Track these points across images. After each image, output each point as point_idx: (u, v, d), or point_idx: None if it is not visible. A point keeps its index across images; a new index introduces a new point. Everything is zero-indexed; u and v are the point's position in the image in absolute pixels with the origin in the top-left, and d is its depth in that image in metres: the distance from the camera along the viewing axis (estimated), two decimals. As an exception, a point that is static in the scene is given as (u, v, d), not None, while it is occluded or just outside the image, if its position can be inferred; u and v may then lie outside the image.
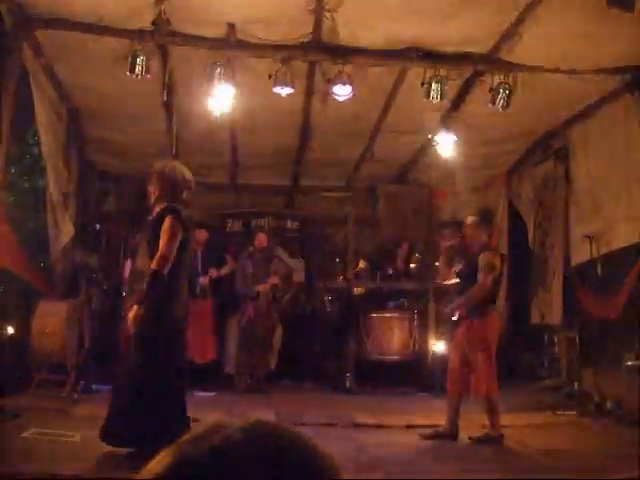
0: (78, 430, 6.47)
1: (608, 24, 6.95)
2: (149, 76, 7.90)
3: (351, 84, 8.21)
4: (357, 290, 11.57)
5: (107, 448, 5.80)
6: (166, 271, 5.63)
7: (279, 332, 10.97)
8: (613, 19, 6.65)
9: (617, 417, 7.79)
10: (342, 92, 8.31)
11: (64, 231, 9.88)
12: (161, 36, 7.70)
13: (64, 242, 9.92)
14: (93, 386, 9.17)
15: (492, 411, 7.10)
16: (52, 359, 8.71)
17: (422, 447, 6.92)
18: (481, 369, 7.11)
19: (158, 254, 5.64)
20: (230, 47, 7.91)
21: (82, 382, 8.75)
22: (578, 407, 8.59)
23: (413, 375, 10.87)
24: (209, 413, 7.87)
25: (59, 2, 7.21)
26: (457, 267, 7.79)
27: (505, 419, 8.07)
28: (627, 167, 9.04)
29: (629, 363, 8.42)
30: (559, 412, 8.62)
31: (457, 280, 7.68)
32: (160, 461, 0.89)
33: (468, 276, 7.28)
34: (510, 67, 8.30)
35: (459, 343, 7.46)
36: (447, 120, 9.98)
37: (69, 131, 10.18)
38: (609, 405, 8.35)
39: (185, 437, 0.92)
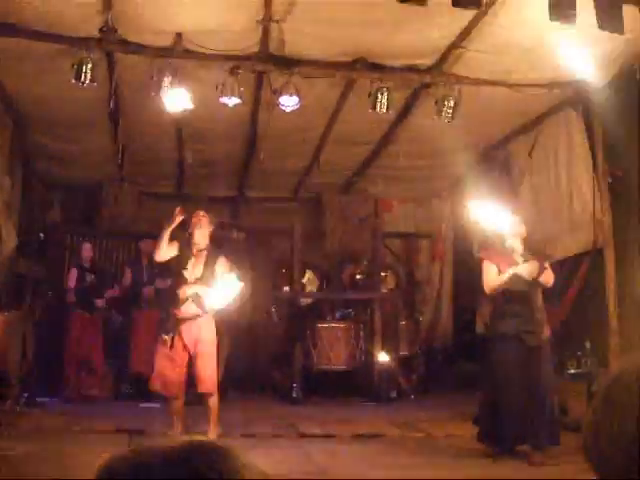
0: (21, 443, 6.38)
1: (551, 38, 7.08)
2: (95, 84, 7.82)
3: (298, 95, 8.24)
4: (304, 300, 11.58)
5: (49, 461, 5.74)
6: None
7: (225, 343, 10.92)
8: (556, 33, 6.78)
9: (561, 423, 7.89)
10: (289, 103, 8.33)
11: (7, 241, 9.72)
12: (108, 44, 7.65)
13: (7, 252, 9.76)
14: (37, 399, 9.05)
15: (212, 411, 7.22)
16: (-6, 371, 8.57)
17: (369, 457, 6.95)
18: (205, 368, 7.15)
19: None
20: (177, 56, 7.88)
21: (25, 395, 8.61)
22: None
23: (359, 385, 10.92)
24: (154, 424, 7.83)
25: (3, 8, 7.11)
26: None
27: (454, 427, 8.16)
28: (569, 179, 9.22)
29: (572, 371, 8.56)
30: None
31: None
32: (91, 473, 0.89)
33: None
34: (455, 80, 8.41)
35: (180, 342, 7.18)
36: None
37: (13, 139, 10.03)
38: (552, 412, 8.45)
39: (117, 451, 0.92)
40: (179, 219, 7.30)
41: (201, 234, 7.38)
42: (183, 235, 7.49)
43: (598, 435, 1.19)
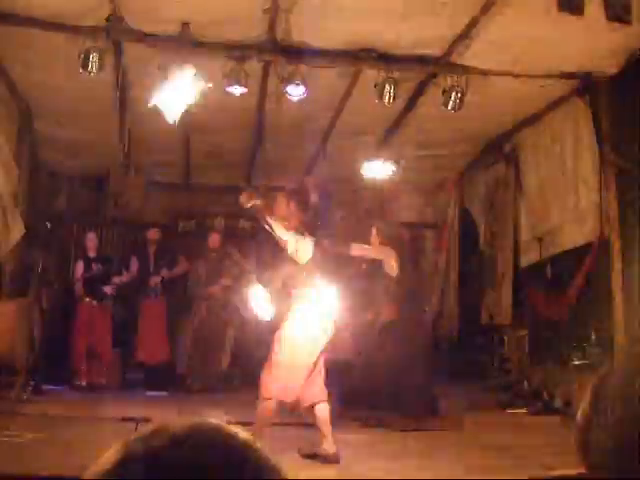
0: (28, 430, 6.41)
1: (559, 29, 7.07)
2: (102, 74, 7.84)
3: (305, 84, 8.23)
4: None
5: (56, 448, 5.77)
6: None
7: (231, 333, 10.95)
8: (564, 24, 6.77)
9: (565, 414, 7.91)
10: (296, 92, 8.33)
11: (14, 229, 9.74)
12: (115, 33, 7.65)
13: (14, 241, 9.78)
14: (43, 387, 9.08)
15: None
16: (1, 360, 8.59)
17: (377, 446, 6.97)
18: None
19: None
20: (184, 46, 7.88)
21: (32, 383, 8.65)
22: (528, 405, 8.71)
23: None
24: (161, 413, 7.86)
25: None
26: None
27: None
28: (575, 170, 9.21)
29: (576, 362, 8.57)
30: (510, 410, 8.75)
31: None
32: (107, 458, 0.89)
33: None
34: (462, 70, 8.40)
35: None
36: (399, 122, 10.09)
37: (20, 128, 10.05)
38: (557, 403, 8.48)
39: (133, 436, 0.92)
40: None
41: None
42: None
43: (588, 432, 1.19)
